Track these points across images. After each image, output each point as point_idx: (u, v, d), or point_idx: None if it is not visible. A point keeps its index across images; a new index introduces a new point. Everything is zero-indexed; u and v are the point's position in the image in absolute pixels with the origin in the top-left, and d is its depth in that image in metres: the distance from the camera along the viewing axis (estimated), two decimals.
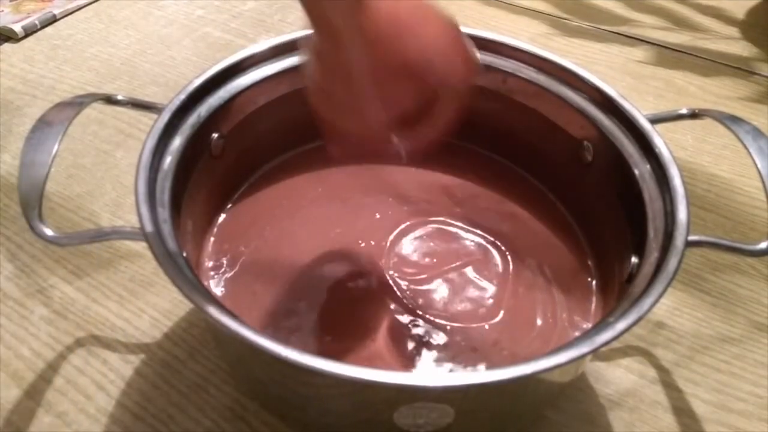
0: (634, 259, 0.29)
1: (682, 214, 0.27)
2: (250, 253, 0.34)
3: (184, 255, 0.27)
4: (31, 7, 0.59)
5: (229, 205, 0.37)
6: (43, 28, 0.58)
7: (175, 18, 0.60)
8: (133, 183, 0.28)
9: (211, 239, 0.35)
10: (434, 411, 0.25)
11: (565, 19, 0.62)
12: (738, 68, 0.56)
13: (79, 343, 0.34)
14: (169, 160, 0.30)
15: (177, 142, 0.31)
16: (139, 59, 0.55)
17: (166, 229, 0.27)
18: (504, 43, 0.36)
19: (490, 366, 0.30)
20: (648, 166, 0.31)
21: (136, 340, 0.35)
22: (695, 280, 0.39)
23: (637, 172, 0.31)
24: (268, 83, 0.35)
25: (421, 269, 0.34)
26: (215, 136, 0.34)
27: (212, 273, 0.33)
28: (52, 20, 0.59)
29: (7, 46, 0.56)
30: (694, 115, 0.33)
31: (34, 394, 0.32)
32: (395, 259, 0.34)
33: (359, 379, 0.22)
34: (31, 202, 0.26)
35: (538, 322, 0.32)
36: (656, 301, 0.24)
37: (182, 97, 0.32)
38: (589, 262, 0.35)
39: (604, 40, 0.59)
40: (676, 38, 0.60)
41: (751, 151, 0.29)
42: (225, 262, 0.34)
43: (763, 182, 0.27)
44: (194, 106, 0.32)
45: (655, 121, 0.32)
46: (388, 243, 0.35)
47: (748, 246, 0.28)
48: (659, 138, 0.31)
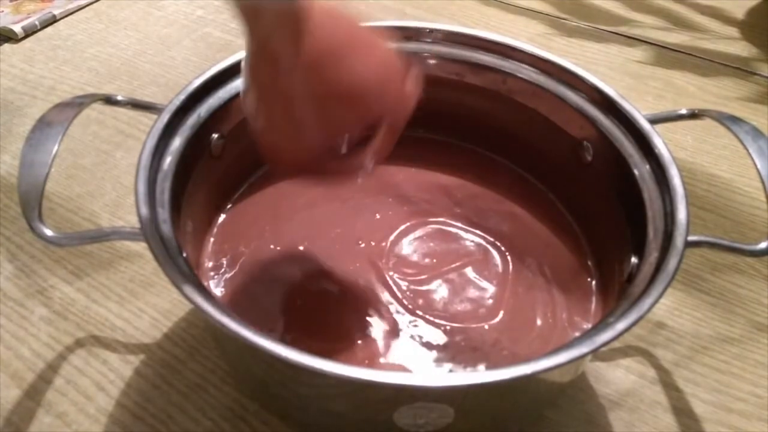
0: (634, 259, 0.29)
1: (681, 215, 0.27)
2: (250, 254, 0.34)
3: (184, 255, 0.27)
4: (31, 8, 0.59)
5: (229, 205, 0.37)
6: (43, 28, 0.58)
7: (175, 18, 0.60)
8: (133, 183, 0.28)
9: (211, 239, 0.35)
10: (434, 411, 0.25)
11: (564, 19, 0.62)
12: (738, 68, 0.56)
13: (79, 344, 0.34)
14: (169, 161, 0.30)
15: (177, 143, 0.31)
16: (139, 59, 0.55)
17: (166, 229, 0.27)
18: (504, 44, 0.36)
19: (490, 366, 0.30)
20: (648, 167, 0.31)
21: (136, 340, 0.35)
22: (695, 280, 0.39)
23: (636, 172, 0.31)
24: None
25: (420, 270, 0.34)
26: (215, 136, 0.34)
27: (212, 273, 0.33)
28: (52, 21, 0.59)
29: (7, 47, 0.56)
30: (693, 116, 0.33)
31: (34, 394, 0.32)
32: (395, 260, 0.34)
33: (359, 379, 0.22)
34: (31, 202, 0.26)
35: (538, 322, 0.32)
36: (656, 301, 0.24)
37: (182, 97, 0.32)
38: (589, 262, 0.35)
39: (603, 41, 0.59)
40: (675, 38, 0.60)
41: (751, 151, 0.29)
42: (225, 263, 0.34)
43: (763, 182, 0.27)
44: (194, 107, 0.32)
45: (654, 121, 0.32)
46: (388, 243, 0.35)
47: (748, 246, 0.28)
48: (659, 138, 0.31)
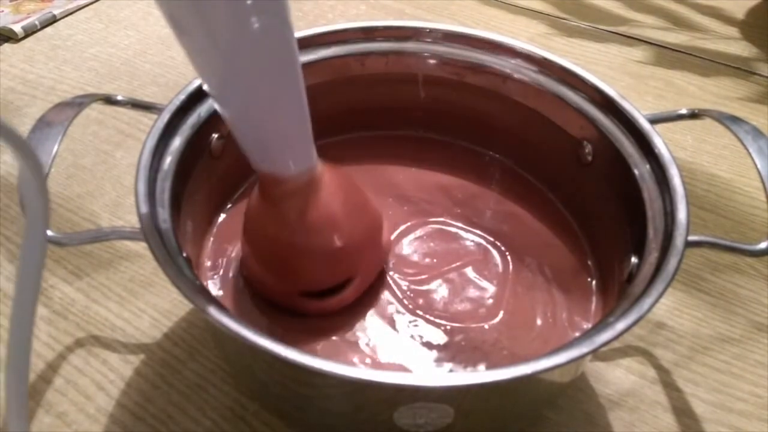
0: (634, 259, 0.29)
1: (681, 214, 0.27)
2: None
3: (184, 255, 0.27)
4: (31, 8, 0.59)
5: (229, 205, 0.37)
6: (43, 28, 0.58)
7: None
8: (133, 183, 0.28)
9: (211, 239, 0.35)
10: (434, 411, 0.25)
11: (564, 19, 0.62)
12: (738, 68, 0.56)
13: (79, 343, 0.34)
14: (169, 161, 0.30)
15: (177, 143, 0.31)
16: (139, 59, 0.55)
17: (166, 229, 0.27)
18: (504, 44, 0.36)
19: (490, 366, 0.30)
20: (648, 166, 0.31)
21: (136, 340, 0.35)
22: (695, 280, 0.39)
23: (637, 172, 0.31)
24: None
25: (421, 269, 0.34)
26: (215, 136, 0.34)
27: (212, 273, 0.33)
28: (52, 20, 0.59)
29: (7, 47, 0.56)
30: (693, 115, 0.33)
31: (34, 394, 0.32)
32: (395, 260, 0.34)
33: (359, 379, 0.22)
34: None
35: (538, 322, 0.32)
36: (656, 301, 0.24)
37: (182, 97, 0.32)
38: (589, 262, 0.35)
39: (603, 40, 0.59)
40: (675, 38, 0.60)
41: (751, 151, 0.29)
42: (225, 262, 0.34)
43: (763, 182, 0.27)
44: (194, 107, 0.32)
45: (654, 121, 0.32)
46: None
47: (748, 246, 0.28)
48: (659, 138, 0.31)
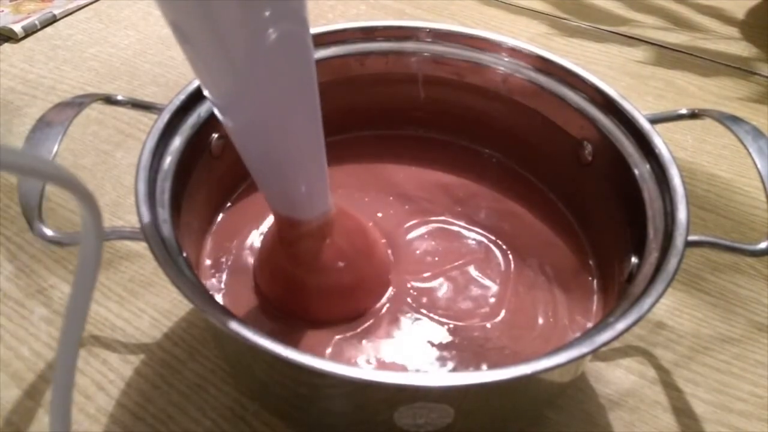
0: (634, 259, 0.29)
1: (682, 214, 0.27)
2: (251, 253, 0.34)
3: (184, 255, 0.27)
4: (31, 8, 0.59)
5: (229, 205, 0.37)
6: (43, 28, 0.58)
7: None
8: (133, 183, 0.28)
9: (211, 239, 0.35)
10: (434, 411, 0.25)
11: (564, 19, 0.62)
12: (738, 68, 0.56)
13: (79, 343, 0.34)
14: (169, 161, 0.30)
15: (177, 143, 0.31)
16: (139, 59, 0.55)
17: (166, 229, 0.27)
18: (504, 43, 0.36)
19: (490, 366, 0.30)
20: (648, 166, 0.31)
21: (136, 340, 0.35)
22: (695, 280, 0.39)
23: (637, 172, 0.31)
24: None
25: (422, 268, 0.34)
26: (215, 136, 0.34)
27: (212, 272, 0.33)
28: (52, 20, 0.59)
29: (7, 47, 0.56)
30: (694, 115, 0.33)
31: (34, 394, 0.32)
32: (397, 258, 0.34)
33: (359, 379, 0.22)
34: (31, 202, 0.26)
35: (540, 321, 0.32)
36: (656, 301, 0.24)
37: (182, 97, 0.32)
38: (590, 262, 0.35)
39: (603, 40, 0.59)
40: (675, 38, 0.60)
41: (751, 151, 0.29)
42: (225, 262, 0.34)
43: (763, 182, 0.27)
44: (194, 106, 0.32)
45: (654, 121, 0.32)
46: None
47: (748, 246, 0.28)
48: (659, 138, 0.31)
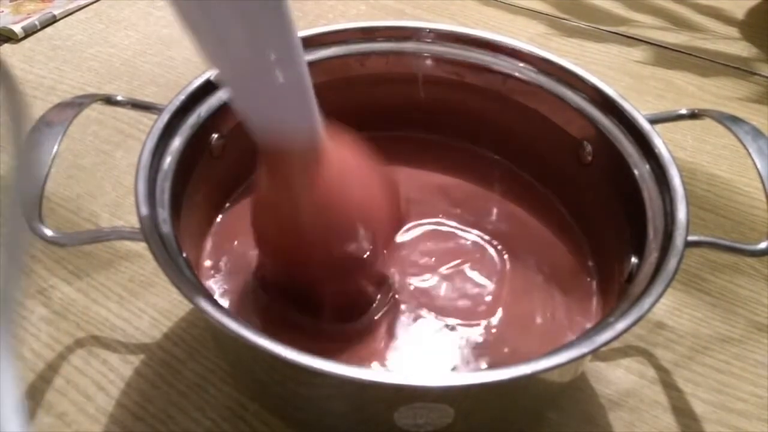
0: (634, 259, 0.29)
1: (681, 214, 0.27)
2: (250, 253, 0.34)
3: (184, 255, 0.27)
4: (31, 8, 0.59)
5: (228, 205, 0.37)
6: (43, 28, 0.58)
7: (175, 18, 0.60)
8: (133, 183, 0.28)
9: (211, 239, 0.35)
10: (434, 411, 0.25)
11: (563, 19, 0.62)
12: (738, 68, 0.56)
13: (79, 344, 0.34)
14: (169, 161, 0.30)
15: (177, 143, 0.31)
16: (139, 59, 0.55)
17: (166, 229, 0.27)
18: (504, 43, 0.36)
19: (490, 366, 0.30)
20: (648, 166, 0.31)
21: (136, 340, 0.35)
22: (695, 280, 0.39)
23: (637, 172, 0.31)
24: None
25: (420, 268, 0.34)
26: (215, 136, 0.34)
27: (212, 273, 0.33)
28: (52, 21, 0.59)
29: (7, 47, 0.56)
30: (693, 116, 0.33)
31: (34, 394, 0.32)
32: (395, 259, 0.34)
33: (359, 379, 0.22)
34: (31, 202, 0.26)
35: (538, 322, 0.32)
36: (656, 301, 0.24)
37: (182, 97, 0.32)
38: (589, 262, 0.35)
39: (603, 40, 0.59)
40: (675, 38, 0.60)
41: (751, 151, 0.29)
42: (225, 262, 0.34)
43: (763, 182, 0.27)
44: (194, 107, 0.32)
45: (654, 121, 0.32)
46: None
47: (748, 246, 0.28)
48: (659, 138, 0.31)
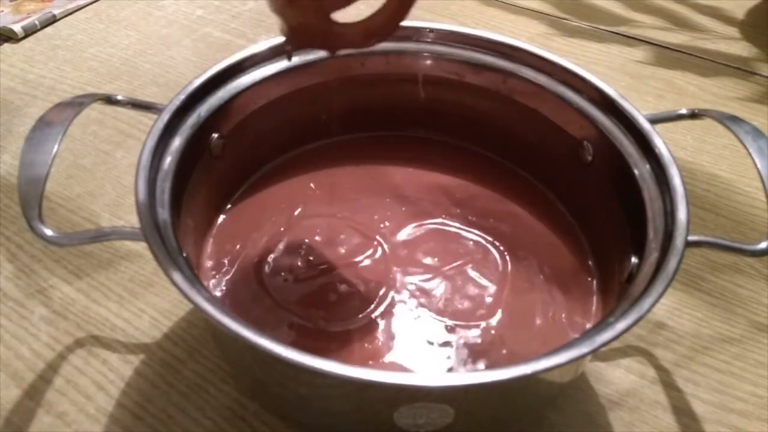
0: (634, 259, 0.29)
1: (682, 214, 0.27)
2: (250, 254, 0.34)
3: (184, 255, 0.27)
4: (31, 8, 0.59)
5: (229, 206, 0.37)
6: (43, 28, 0.58)
7: (175, 18, 0.60)
8: (133, 183, 0.28)
9: (211, 239, 0.35)
10: (434, 411, 0.25)
11: (564, 19, 0.62)
12: (738, 68, 0.56)
13: (79, 343, 0.34)
14: (169, 161, 0.30)
15: (177, 143, 0.31)
16: (139, 59, 0.55)
17: (166, 229, 0.27)
18: (504, 43, 0.36)
19: (490, 366, 0.30)
20: (648, 166, 0.31)
21: (136, 340, 0.35)
22: (695, 280, 0.39)
23: (637, 172, 0.31)
24: (268, 83, 0.35)
25: (421, 268, 0.34)
26: (215, 136, 0.34)
27: (212, 273, 0.33)
28: (52, 20, 0.59)
29: (7, 47, 0.56)
30: (693, 116, 0.33)
31: (34, 394, 0.32)
32: (395, 260, 0.34)
33: (359, 379, 0.22)
34: (31, 202, 0.26)
35: (538, 322, 0.32)
36: (656, 301, 0.24)
37: (182, 97, 0.32)
38: (590, 262, 0.35)
39: (603, 40, 0.59)
40: (675, 38, 0.60)
41: (751, 151, 0.29)
42: (225, 263, 0.34)
43: (763, 182, 0.27)
44: (194, 107, 0.32)
45: (654, 121, 0.32)
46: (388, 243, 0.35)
47: (748, 246, 0.28)
48: (659, 138, 0.31)
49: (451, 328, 0.31)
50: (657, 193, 0.29)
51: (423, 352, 0.30)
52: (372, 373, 0.22)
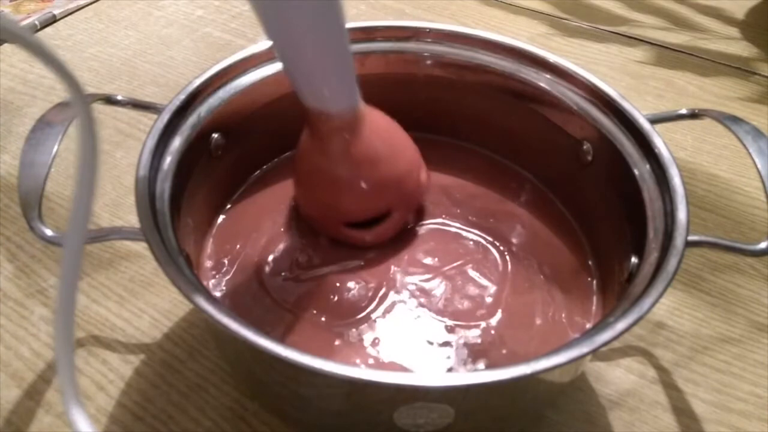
0: (634, 259, 0.29)
1: (682, 214, 0.27)
2: (250, 254, 0.34)
3: (184, 255, 0.27)
4: (31, 8, 0.59)
5: (229, 206, 0.37)
6: (43, 28, 0.58)
7: (175, 18, 0.60)
8: (133, 183, 0.28)
9: (211, 239, 0.35)
10: (434, 411, 0.25)
11: (564, 19, 0.62)
12: (738, 68, 0.56)
13: (79, 343, 0.34)
14: (169, 160, 0.30)
15: (177, 142, 0.31)
16: (139, 59, 0.55)
17: (166, 229, 0.27)
18: (504, 43, 0.36)
19: (490, 366, 0.30)
20: (648, 166, 0.31)
21: (136, 340, 0.35)
22: (695, 280, 0.39)
23: (637, 172, 0.31)
24: (268, 83, 0.35)
25: (421, 268, 0.34)
26: (215, 136, 0.34)
27: (212, 273, 0.33)
28: (52, 20, 0.59)
29: (7, 46, 0.56)
30: (693, 115, 0.33)
31: (34, 394, 0.32)
32: (395, 259, 0.34)
33: (359, 379, 0.22)
34: (31, 202, 0.26)
35: (538, 322, 0.32)
36: (656, 301, 0.24)
37: (182, 97, 0.32)
38: (590, 262, 0.35)
39: (603, 40, 0.59)
40: (675, 38, 0.60)
41: (751, 151, 0.29)
42: (225, 263, 0.34)
43: (763, 182, 0.27)
44: (194, 106, 0.32)
45: (654, 121, 0.32)
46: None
47: (748, 246, 0.28)
48: (659, 138, 0.31)
49: (451, 328, 0.31)
50: (657, 193, 0.29)
51: (423, 352, 0.30)
52: (372, 373, 0.22)
